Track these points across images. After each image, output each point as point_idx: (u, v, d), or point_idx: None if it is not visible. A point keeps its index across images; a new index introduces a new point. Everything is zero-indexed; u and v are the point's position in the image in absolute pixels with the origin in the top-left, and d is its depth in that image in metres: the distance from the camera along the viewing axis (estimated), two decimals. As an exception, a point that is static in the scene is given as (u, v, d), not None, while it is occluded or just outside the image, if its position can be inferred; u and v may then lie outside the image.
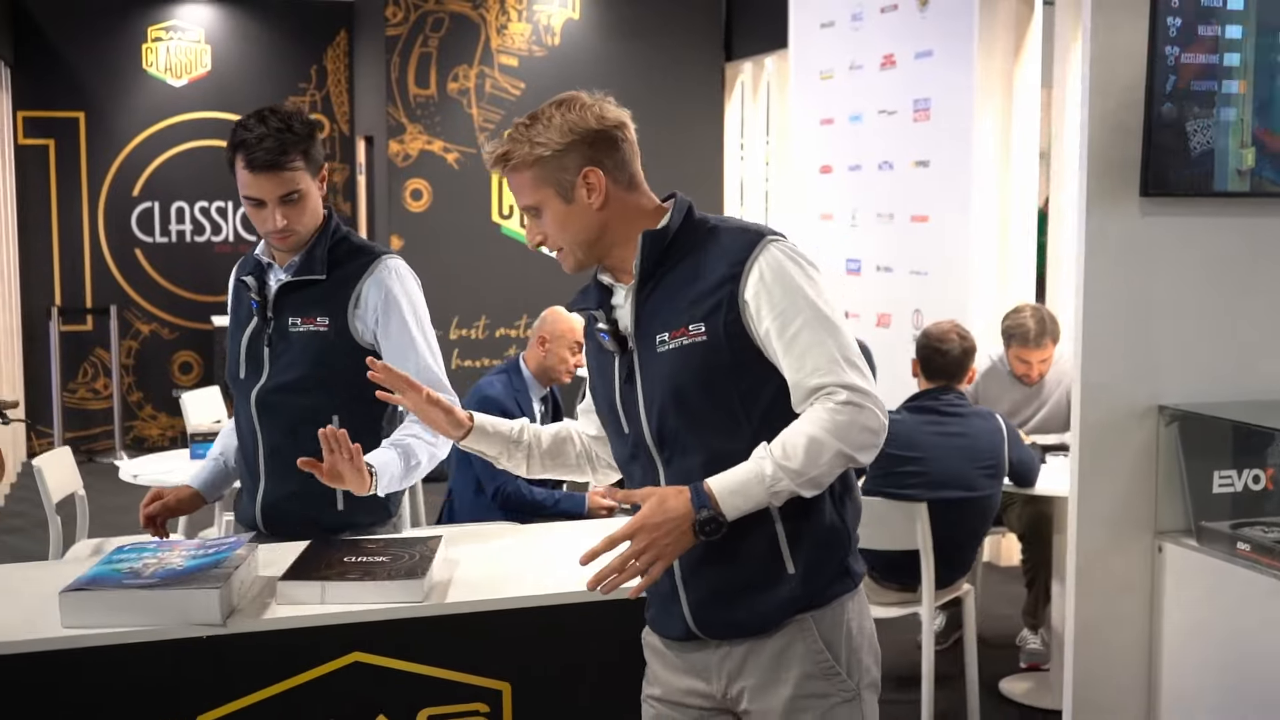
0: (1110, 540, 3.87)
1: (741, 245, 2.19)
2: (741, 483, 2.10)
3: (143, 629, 2.25)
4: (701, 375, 2.17)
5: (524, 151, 2.23)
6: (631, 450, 2.29)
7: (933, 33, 6.74)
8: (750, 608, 2.20)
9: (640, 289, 2.24)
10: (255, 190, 2.85)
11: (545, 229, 2.26)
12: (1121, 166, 3.78)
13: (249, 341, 3.00)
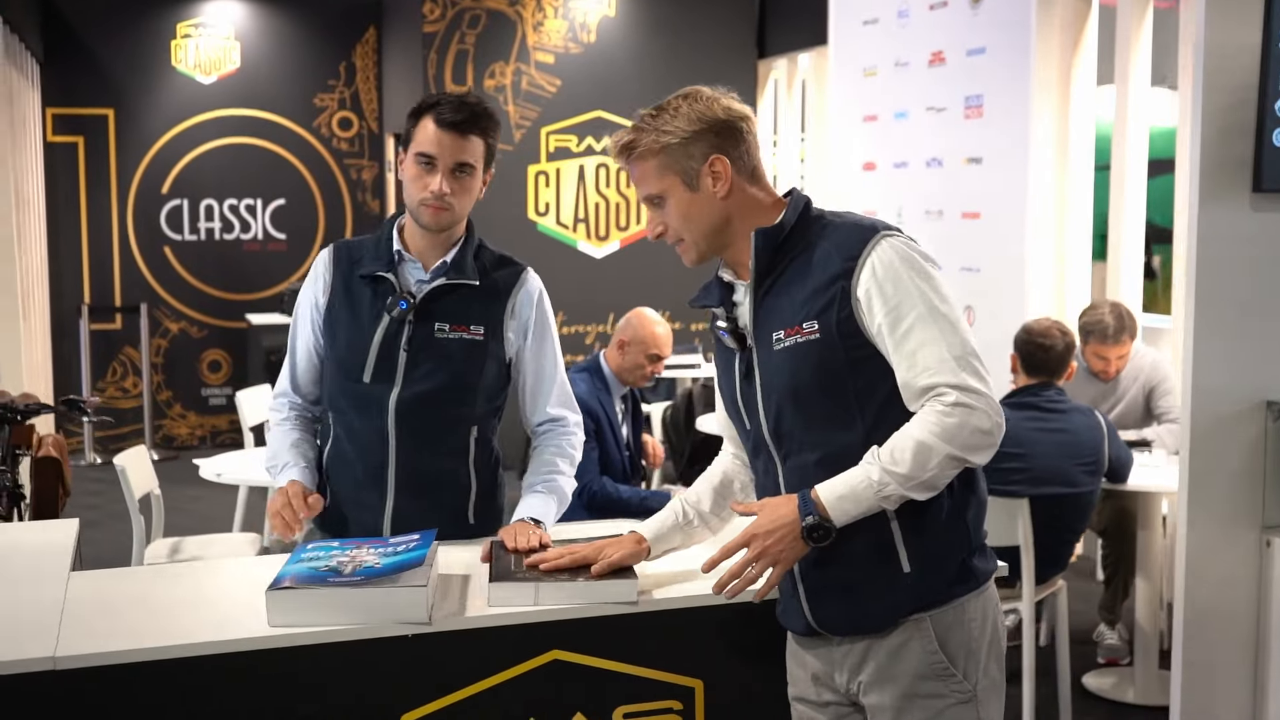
0: (1219, 535, 3.89)
1: (855, 240, 2.19)
2: (850, 488, 2.13)
3: (350, 627, 2.23)
4: (816, 373, 2.19)
5: (650, 140, 2.24)
6: (753, 446, 2.33)
7: (986, 30, 6.75)
8: (865, 606, 2.22)
9: (758, 286, 2.25)
10: (434, 146, 2.71)
11: (667, 219, 2.28)
12: (1234, 164, 3.80)
13: (383, 343, 2.78)
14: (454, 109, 2.72)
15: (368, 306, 2.80)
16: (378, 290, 2.79)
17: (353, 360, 2.80)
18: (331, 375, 2.85)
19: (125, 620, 2.32)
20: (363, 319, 2.80)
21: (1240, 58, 3.75)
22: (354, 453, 2.82)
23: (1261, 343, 3.80)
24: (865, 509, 2.13)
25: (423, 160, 2.73)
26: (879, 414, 2.18)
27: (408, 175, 2.78)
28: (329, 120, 9.88)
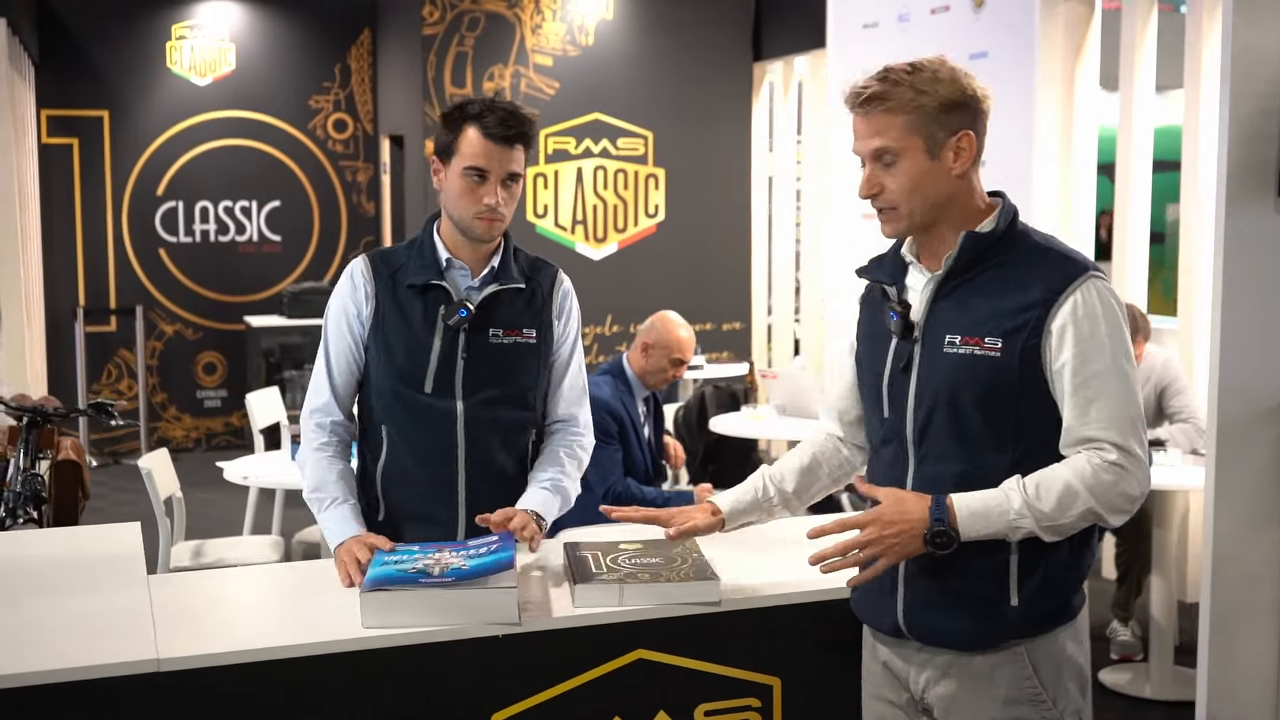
0: (1244, 533, 3.95)
1: (1062, 274, 2.16)
2: (985, 508, 2.12)
3: (441, 628, 2.27)
4: (985, 390, 2.16)
5: (907, 95, 2.17)
6: (885, 435, 2.29)
7: (988, 34, 6.83)
8: (963, 624, 2.21)
9: (944, 283, 2.21)
10: (486, 160, 2.69)
11: (889, 180, 2.20)
12: (1260, 169, 3.88)
13: (442, 352, 2.76)
14: (501, 122, 2.70)
15: (420, 316, 2.77)
16: (428, 299, 2.77)
17: (412, 371, 2.76)
18: (386, 387, 2.78)
19: (217, 622, 2.35)
20: (417, 328, 2.76)
21: (1266, 64, 3.83)
22: (415, 465, 2.79)
23: (1284, 345, 3.88)
24: (993, 533, 2.13)
25: (473, 174, 2.71)
26: (1031, 446, 2.17)
27: (455, 188, 2.75)
28: (324, 122, 9.88)
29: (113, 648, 2.17)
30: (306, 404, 2.86)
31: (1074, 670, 2.28)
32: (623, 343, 9.02)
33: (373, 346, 2.80)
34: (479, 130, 2.70)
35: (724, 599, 2.42)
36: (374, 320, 2.79)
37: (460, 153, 2.72)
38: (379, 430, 2.82)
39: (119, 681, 2.11)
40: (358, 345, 2.81)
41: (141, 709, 2.13)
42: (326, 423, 2.82)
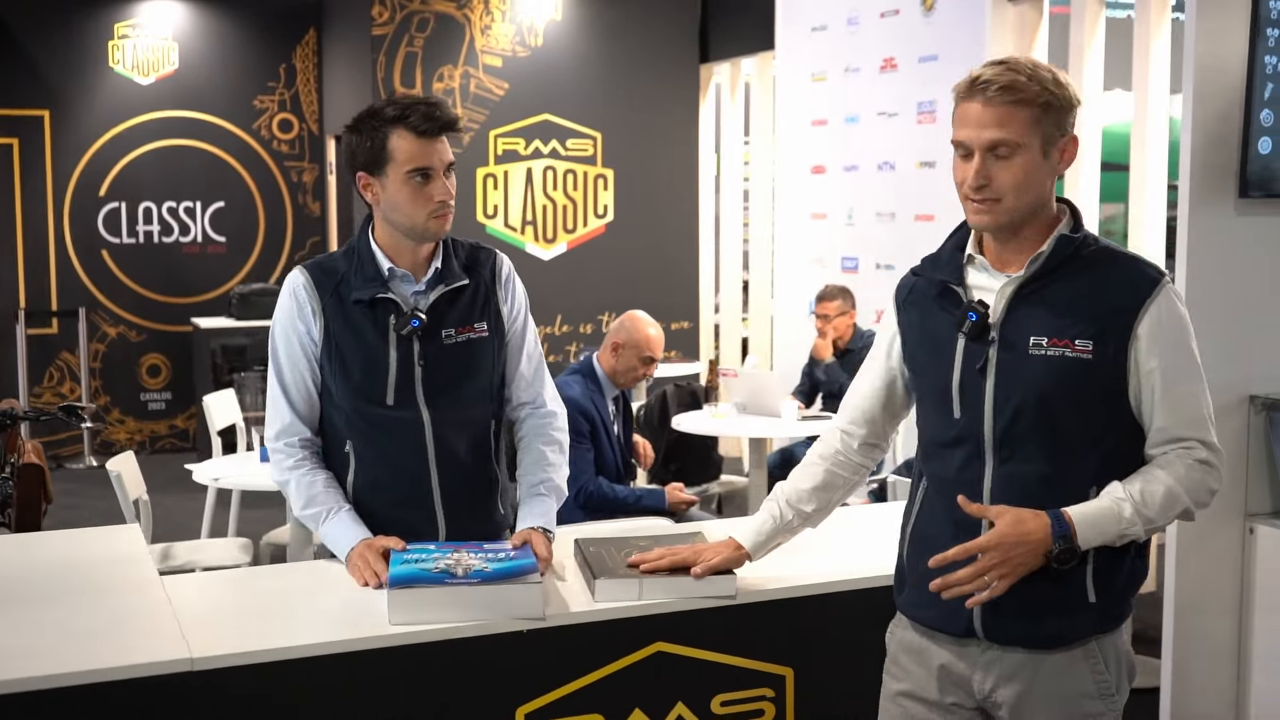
0: (1205, 524, 4.06)
1: (1145, 280, 2.21)
2: (1099, 519, 2.15)
3: (468, 624, 2.31)
4: (1076, 391, 2.18)
5: (1037, 90, 2.17)
6: (957, 436, 2.27)
7: (938, 37, 6.95)
8: (1044, 625, 2.24)
9: (1025, 284, 2.22)
10: (425, 158, 2.64)
11: (1000, 173, 2.19)
12: (1221, 171, 4.01)
13: (399, 362, 2.71)
14: (427, 116, 2.65)
15: (372, 330, 2.72)
16: (376, 312, 2.72)
17: (372, 386, 2.72)
18: (348, 403, 2.74)
19: (242, 622, 2.37)
20: (370, 344, 2.71)
21: (1227, 72, 3.96)
22: (389, 476, 2.76)
23: (1245, 340, 4.01)
24: (1105, 541, 2.17)
25: (417, 175, 2.65)
26: (1111, 447, 2.22)
27: (401, 196, 2.66)
28: (269, 122, 9.82)
29: (145, 648, 2.19)
30: (268, 427, 2.80)
31: (1130, 661, 2.35)
32: (573, 342, 9.06)
33: (327, 365, 2.74)
34: (409, 130, 2.64)
35: (739, 592, 2.48)
36: (325, 338, 2.73)
37: (395, 159, 2.66)
38: (343, 445, 2.78)
39: (152, 681, 2.12)
40: (311, 363, 2.75)
41: (176, 709, 2.15)
42: (295, 441, 2.76)
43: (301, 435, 2.77)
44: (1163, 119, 6.01)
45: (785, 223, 8.42)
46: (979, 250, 2.30)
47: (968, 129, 2.21)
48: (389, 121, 2.66)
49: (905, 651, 2.39)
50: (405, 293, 2.75)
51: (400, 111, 2.66)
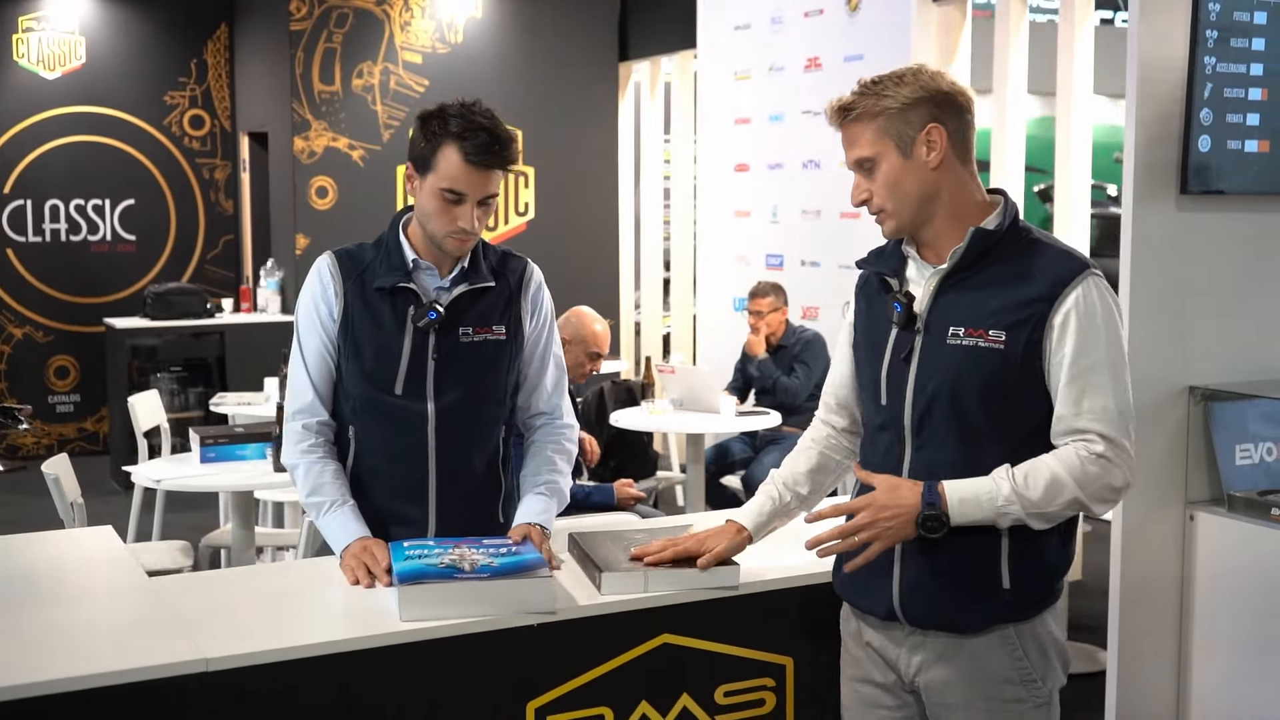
0: (1148, 512, 4.20)
1: (1066, 270, 2.25)
2: (974, 494, 2.22)
3: (480, 618, 2.30)
4: (986, 380, 2.25)
5: (870, 103, 2.26)
6: (883, 422, 2.36)
7: (863, 37, 7.05)
8: (958, 606, 2.31)
9: (948, 276, 2.29)
10: (464, 184, 2.64)
11: (874, 186, 2.28)
12: (1163, 169, 4.13)
13: (412, 353, 2.74)
14: (483, 148, 2.64)
15: (390, 317, 2.74)
16: (396, 301, 2.74)
17: (382, 374, 2.74)
18: (357, 388, 2.76)
19: (250, 622, 2.34)
20: (387, 330, 2.73)
21: (1169, 70, 4.08)
22: (388, 465, 2.78)
23: (1186, 333, 4.13)
24: (983, 519, 2.22)
25: (449, 195, 2.66)
26: (1025, 437, 2.27)
27: (430, 205, 2.68)
28: (180, 118, 9.63)
29: (158, 650, 2.15)
30: (288, 406, 2.81)
31: (1059, 649, 2.40)
32: (495, 341, 9.03)
33: (342, 348, 2.77)
34: (459, 153, 2.64)
35: (741, 583, 2.50)
36: (343, 321, 2.76)
37: (438, 171, 2.66)
38: (345, 431, 2.80)
39: (168, 683, 2.09)
40: (332, 343, 2.77)
41: (191, 711, 2.12)
42: (313, 424, 2.78)
43: (319, 418, 2.78)
44: (1087, 120, 6.17)
45: (708, 220, 8.48)
46: (915, 245, 2.37)
47: (845, 152, 2.34)
48: (450, 134, 2.65)
49: (851, 637, 2.49)
50: (428, 285, 2.77)
51: (461, 130, 2.64)
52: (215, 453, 4.98)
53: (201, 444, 4.99)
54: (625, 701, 2.43)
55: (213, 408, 6.70)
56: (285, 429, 2.81)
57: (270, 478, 4.85)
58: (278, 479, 4.87)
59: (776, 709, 2.57)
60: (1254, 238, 4.29)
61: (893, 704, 2.42)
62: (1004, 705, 2.33)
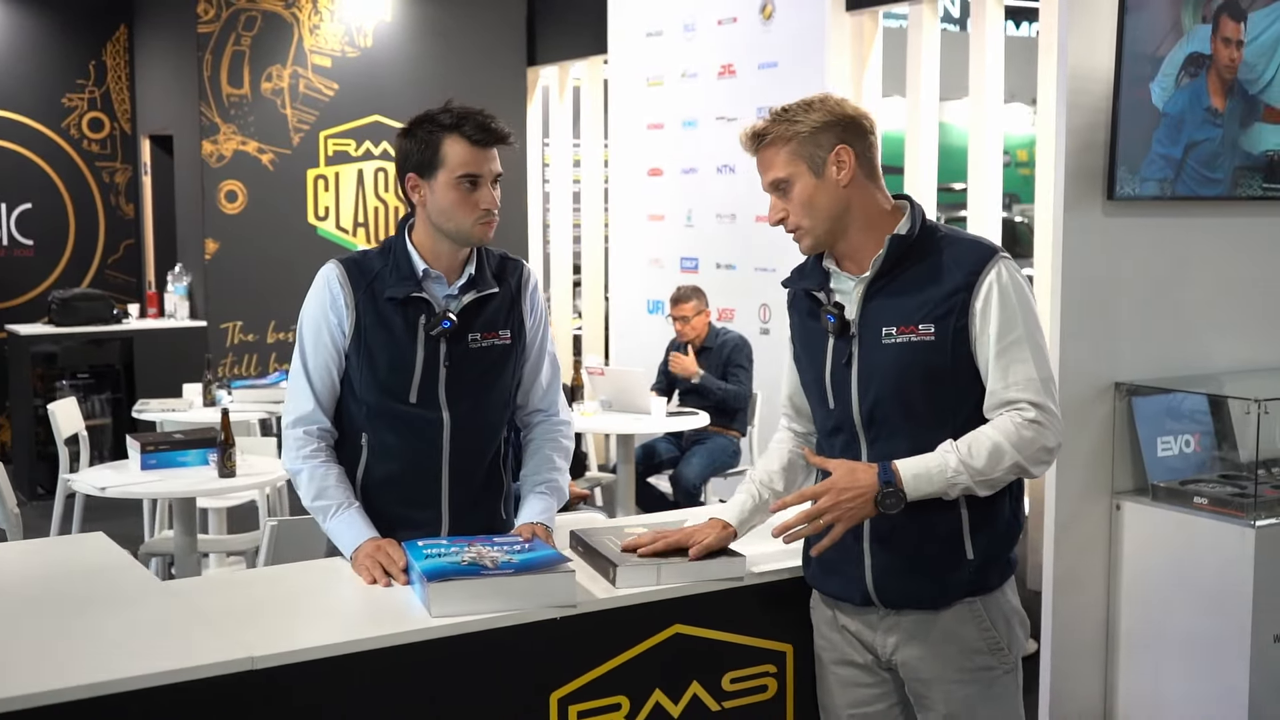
0: (1078, 503, 4.41)
1: (977, 258, 2.44)
2: (925, 470, 2.39)
3: (507, 613, 2.38)
4: (924, 371, 2.43)
5: (782, 129, 2.46)
6: (835, 424, 2.53)
7: (777, 45, 7.21)
8: (928, 583, 2.48)
9: (873, 283, 2.46)
10: (477, 165, 2.73)
11: (789, 205, 2.45)
12: (1090, 174, 4.34)
13: (425, 362, 2.79)
14: (481, 127, 2.76)
15: (402, 327, 2.78)
16: (408, 311, 2.79)
17: (397, 382, 2.78)
18: (371, 397, 2.80)
19: (285, 621, 2.39)
20: (401, 340, 2.78)
21: (1096, 80, 4.29)
22: (400, 471, 2.83)
23: (1112, 331, 4.35)
24: (935, 491, 2.38)
25: (466, 181, 2.74)
26: (968, 416, 2.45)
27: (449, 200, 2.75)
28: (79, 121, 9.45)
29: (202, 649, 2.19)
30: (288, 413, 2.85)
31: (1020, 617, 2.61)
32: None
33: (354, 357, 2.81)
34: (463, 139, 2.74)
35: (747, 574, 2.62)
36: (355, 331, 2.79)
37: (448, 164, 2.74)
38: (358, 438, 2.84)
39: (217, 682, 2.14)
40: (338, 354, 2.82)
41: (236, 708, 2.16)
42: (314, 430, 2.82)
43: (320, 424, 2.83)
44: (998, 128, 6.41)
45: (620, 224, 8.58)
46: (835, 260, 2.54)
47: (760, 173, 2.51)
48: (444, 128, 2.75)
49: (824, 623, 2.64)
50: (438, 294, 2.83)
51: (456, 120, 2.76)
52: (156, 459, 4.96)
53: (142, 451, 4.96)
54: (641, 690, 2.53)
55: (136, 415, 6.63)
56: (286, 435, 2.84)
57: (215, 484, 4.86)
58: (223, 485, 4.88)
59: (778, 694, 2.69)
60: (1176, 240, 4.53)
61: (871, 682, 2.58)
62: (976, 674, 2.51)
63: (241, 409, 6.37)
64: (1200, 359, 4.64)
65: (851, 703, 2.59)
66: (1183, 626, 4.34)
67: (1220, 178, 4.44)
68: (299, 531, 3.83)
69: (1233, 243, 4.68)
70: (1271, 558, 4.17)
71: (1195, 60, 4.33)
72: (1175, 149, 4.34)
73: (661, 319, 8.04)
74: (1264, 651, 4.16)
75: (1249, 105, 4.46)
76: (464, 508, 2.85)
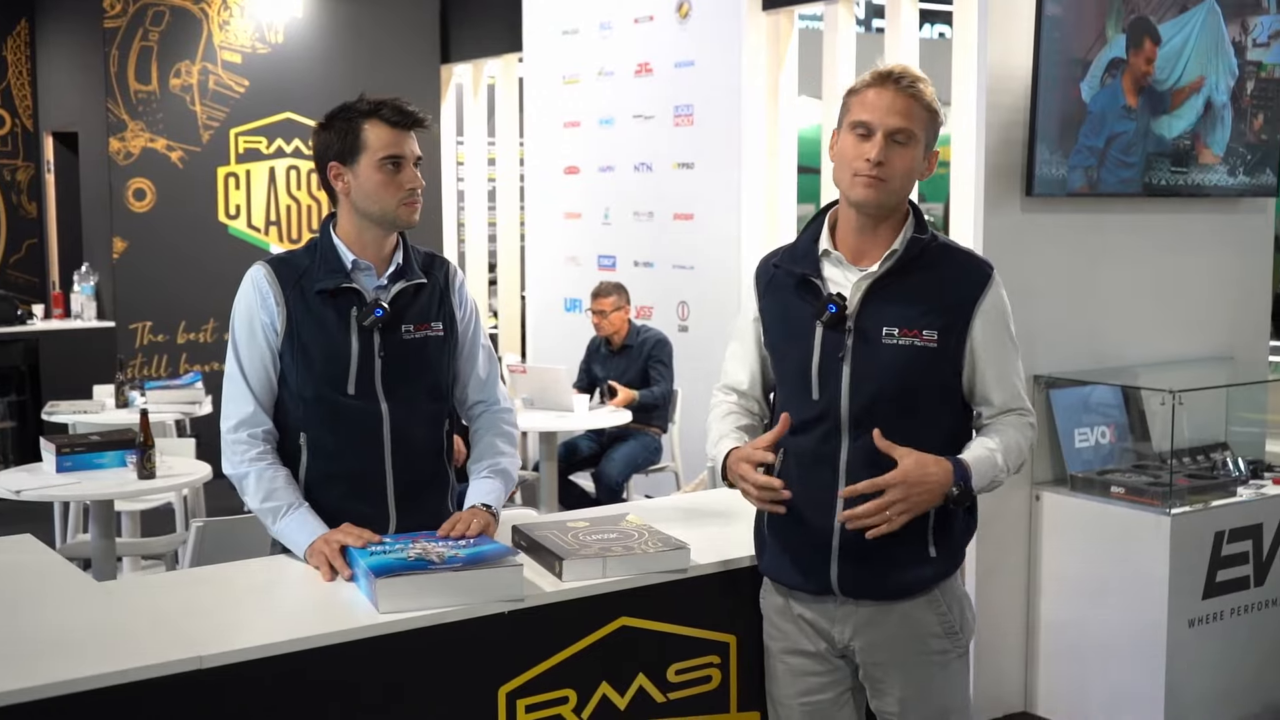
0: (1000, 494, 4.47)
1: (981, 274, 2.52)
2: (984, 466, 2.47)
3: (456, 608, 2.37)
4: (924, 376, 2.47)
5: (931, 96, 2.47)
6: (816, 415, 2.50)
7: (694, 44, 7.25)
8: (893, 578, 2.52)
9: (879, 279, 2.48)
10: (399, 146, 2.76)
11: (895, 158, 2.42)
12: (1009, 172, 4.43)
13: (360, 353, 2.78)
14: (399, 110, 2.80)
15: (334, 319, 2.78)
16: (339, 303, 2.78)
17: (333, 374, 2.77)
18: (308, 394, 2.79)
19: (235, 619, 2.37)
20: (333, 332, 2.77)
21: (1015, 79, 4.39)
22: (341, 468, 2.81)
23: (1031, 325, 4.44)
24: (983, 486, 2.48)
25: (389, 163, 2.76)
26: (951, 423, 2.53)
27: (373, 183, 2.76)
28: (-22, 117, 9.25)
29: (148, 650, 2.16)
30: (228, 418, 2.80)
31: (969, 603, 2.68)
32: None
33: (288, 355, 2.79)
34: (383, 122, 2.78)
35: (690, 566, 2.64)
36: (288, 329, 2.78)
37: (370, 147, 2.76)
38: (297, 437, 2.82)
39: (164, 682, 2.10)
40: (273, 354, 2.80)
41: (185, 708, 2.13)
42: (259, 433, 2.79)
43: (264, 427, 2.80)
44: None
45: (536, 222, 8.57)
46: (833, 245, 2.54)
47: (873, 113, 2.44)
48: (363, 114, 2.78)
49: (776, 613, 2.66)
50: (368, 285, 2.82)
51: (373, 106, 2.80)
52: (72, 461, 4.86)
53: (57, 453, 4.85)
54: (588, 683, 2.53)
55: (46, 417, 6.48)
56: (226, 440, 2.79)
57: (135, 486, 4.77)
58: (142, 487, 4.80)
59: (722, 684, 2.71)
60: (1092, 236, 4.65)
61: (822, 670, 2.61)
62: (932, 657, 2.57)
63: (155, 410, 6.26)
64: (1116, 352, 4.76)
65: (801, 691, 2.62)
66: (1101, 613, 4.44)
67: (1134, 161, 4.60)
68: (225, 532, 3.79)
69: (1147, 239, 4.81)
70: (1186, 545, 4.29)
71: (1115, 64, 4.49)
72: (1098, 140, 4.49)
73: (579, 317, 8.05)
74: (1179, 636, 4.28)
75: (1158, 99, 4.62)
76: (410, 502, 2.83)
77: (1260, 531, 4.47)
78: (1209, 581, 4.35)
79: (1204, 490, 4.52)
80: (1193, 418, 4.66)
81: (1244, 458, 4.77)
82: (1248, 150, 4.98)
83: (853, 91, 2.51)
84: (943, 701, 2.60)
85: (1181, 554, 4.28)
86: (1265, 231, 5.36)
